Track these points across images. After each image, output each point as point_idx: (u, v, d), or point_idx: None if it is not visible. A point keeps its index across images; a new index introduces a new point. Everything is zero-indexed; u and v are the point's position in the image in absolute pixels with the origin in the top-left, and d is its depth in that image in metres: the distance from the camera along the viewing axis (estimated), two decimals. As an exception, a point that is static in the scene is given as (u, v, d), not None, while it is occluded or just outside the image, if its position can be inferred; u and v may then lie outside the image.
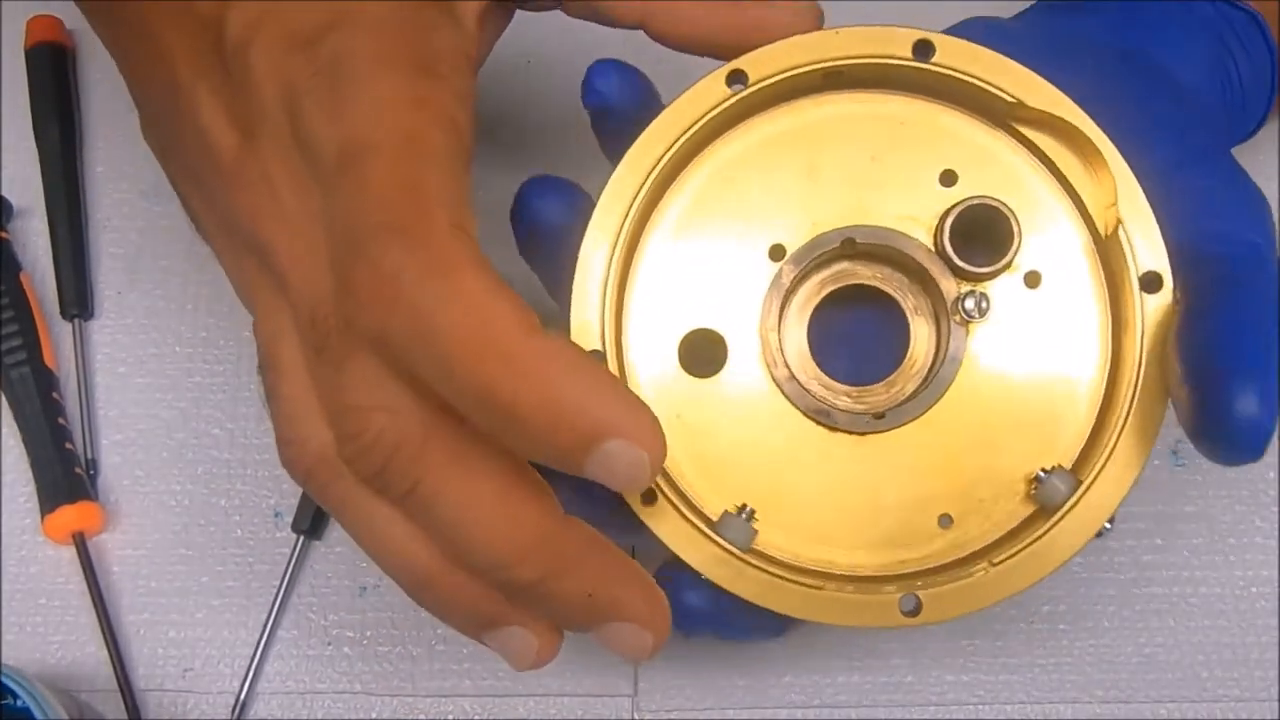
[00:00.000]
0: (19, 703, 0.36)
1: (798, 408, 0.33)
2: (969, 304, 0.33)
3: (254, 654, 0.42)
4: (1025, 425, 0.33)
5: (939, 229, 0.33)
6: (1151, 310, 0.32)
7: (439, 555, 0.29)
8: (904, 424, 0.33)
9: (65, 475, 0.43)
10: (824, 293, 0.35)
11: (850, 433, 0.33)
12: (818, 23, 0.33)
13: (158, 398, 0.45)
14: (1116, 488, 0.31)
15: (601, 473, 0.26)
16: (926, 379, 0.34)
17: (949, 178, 0.34)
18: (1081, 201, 0.33)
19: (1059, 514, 0.31)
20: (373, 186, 0.27)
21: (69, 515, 0.42)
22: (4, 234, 0.46)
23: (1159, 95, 0.36)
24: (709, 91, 0.33)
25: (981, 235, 0.33)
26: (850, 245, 0.34)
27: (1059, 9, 0.38)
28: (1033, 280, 0.33)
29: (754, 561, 0.32)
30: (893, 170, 0.34)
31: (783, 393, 0.33)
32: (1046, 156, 0.33)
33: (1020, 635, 0.42)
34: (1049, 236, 0.33)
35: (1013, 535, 0.32)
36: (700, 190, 0.34)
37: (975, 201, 0.33)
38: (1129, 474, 0.31)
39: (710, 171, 0.34)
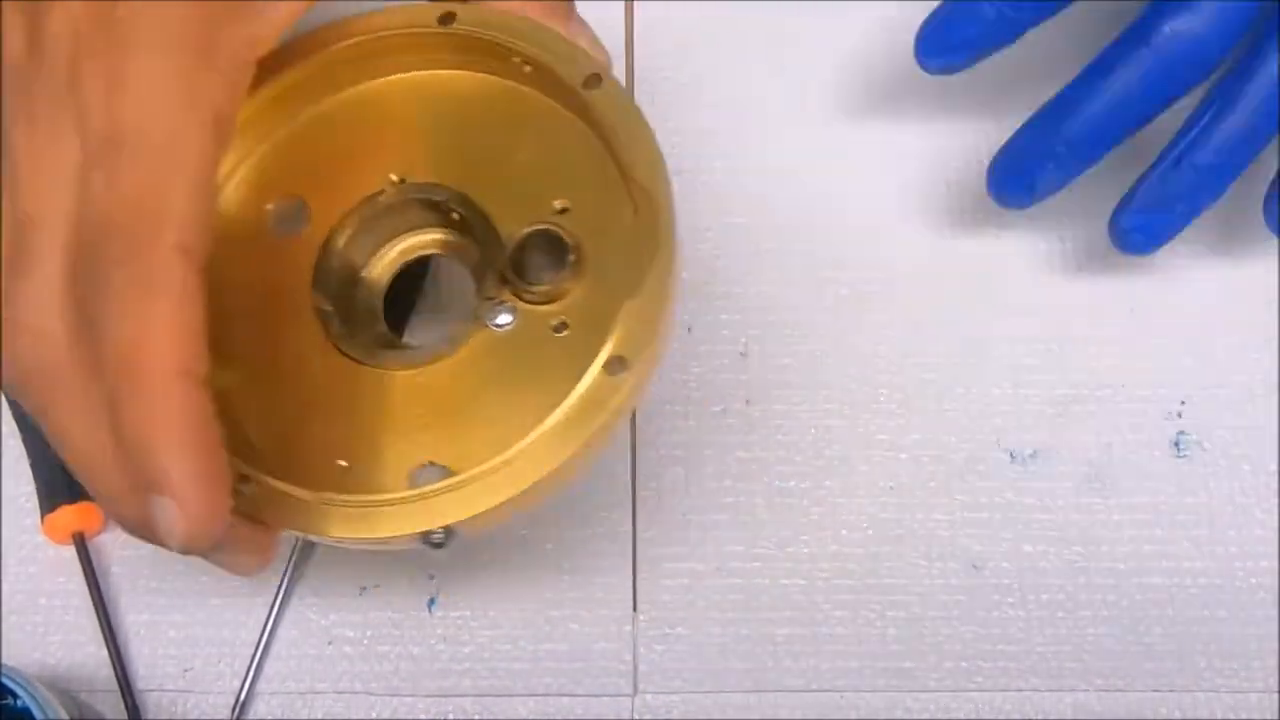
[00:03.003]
0: (19, 703, 0.36)
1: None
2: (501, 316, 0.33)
3: (254, 654, 0.41)
4: None
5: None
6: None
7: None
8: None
9: (65, 475, 0.42)
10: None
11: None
12: None
13: (157, 400, 0.45)
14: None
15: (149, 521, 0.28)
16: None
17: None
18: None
19: None
20: (124, 182, 0.28)
21: (69, 515, 0.42)
22: (4, 240, 0.47)
23: None
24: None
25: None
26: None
27: None
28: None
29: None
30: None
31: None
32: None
33: (1018, 622, 0.42)
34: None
35: None
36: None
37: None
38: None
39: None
